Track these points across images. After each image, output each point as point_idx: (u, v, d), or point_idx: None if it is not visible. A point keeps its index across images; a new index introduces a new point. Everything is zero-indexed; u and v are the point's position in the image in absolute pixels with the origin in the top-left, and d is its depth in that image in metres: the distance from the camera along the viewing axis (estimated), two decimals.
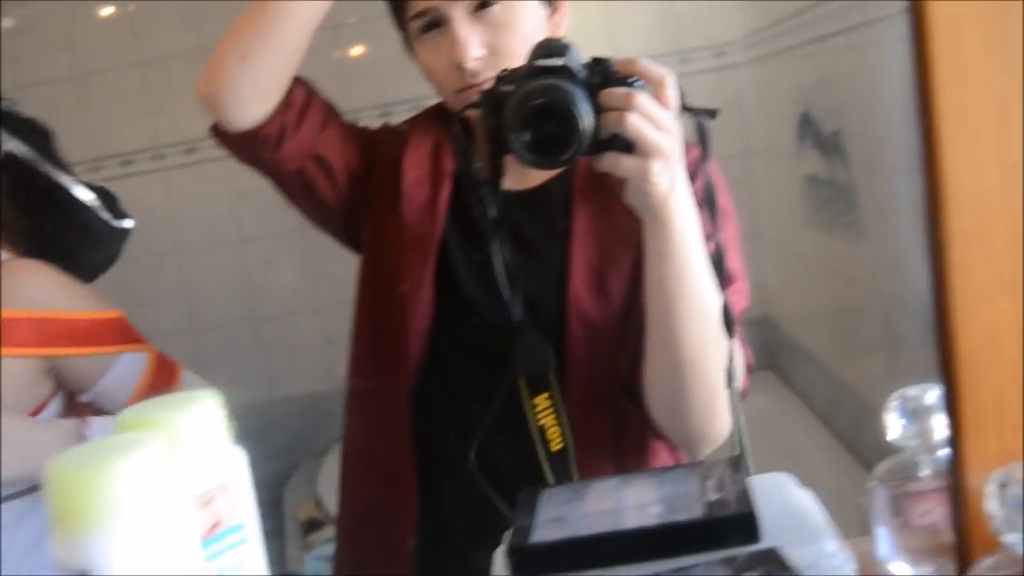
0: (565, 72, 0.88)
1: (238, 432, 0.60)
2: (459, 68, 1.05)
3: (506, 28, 1.04)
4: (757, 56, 2.67)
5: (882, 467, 0.66)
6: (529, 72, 0.90)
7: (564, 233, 1.09)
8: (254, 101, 1.08)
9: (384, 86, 2.72)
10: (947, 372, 0.59)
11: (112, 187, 1.48)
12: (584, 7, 2.65)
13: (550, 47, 0.91)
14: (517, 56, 0.99)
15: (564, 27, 1.12)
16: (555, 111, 0.85)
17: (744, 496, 0.69)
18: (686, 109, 0.91)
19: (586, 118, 0.85)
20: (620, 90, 0.86)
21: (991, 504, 0.51)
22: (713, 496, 0.72)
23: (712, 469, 0.77)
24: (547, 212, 1.12)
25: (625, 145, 0.86)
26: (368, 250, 1.20)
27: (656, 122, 0.86)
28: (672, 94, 0.89)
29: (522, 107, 0.86)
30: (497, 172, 0.97)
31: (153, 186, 2.94)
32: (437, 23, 1.06)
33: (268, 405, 2.95)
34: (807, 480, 0.74)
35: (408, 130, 1.20)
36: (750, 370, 1.05)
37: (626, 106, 0.85)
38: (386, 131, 1.24)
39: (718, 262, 0.94)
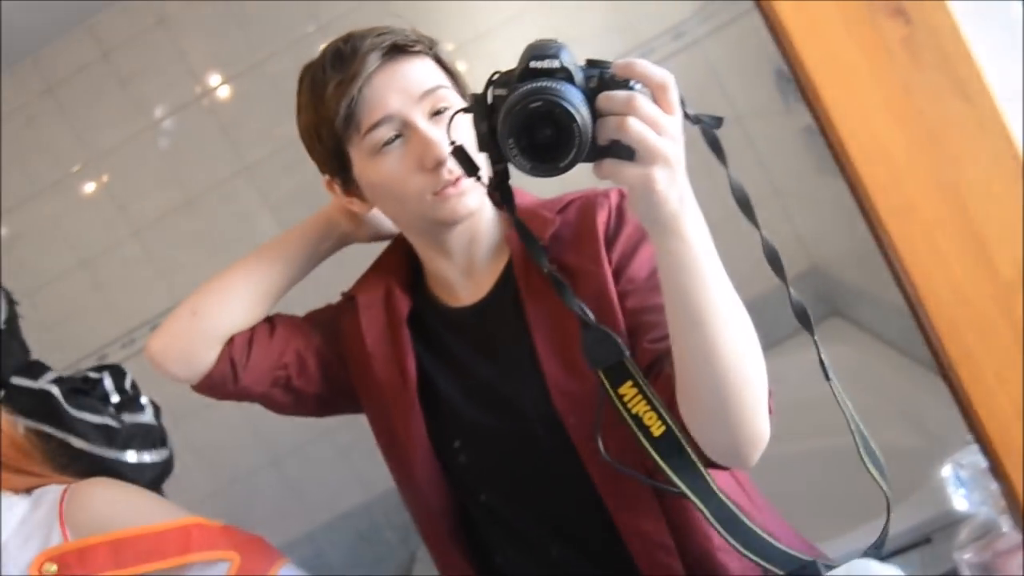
0: (561, 74, 0.82)
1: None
2: (435, 167, 1.06)
3: (455, 129, 1.01)
4: (715, 26, 2.65)
5: (962, 535, 0.66)
6: (522, 74, 0.84)
7: (523, 333, 1.10)
8: (202, 351, 1.18)
9: None
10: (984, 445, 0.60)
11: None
12: (541, 19, 2.64)
13: (543, 48, 0.85)
14: (473, 153, 0.96)
15: None
16: (552, 114, 0.79)
17: None
18: (689, 117, 0.86)
19: (585, 122, 0.80)
20: (619, 93, 0.81)
21: None
22: None
23: None
24: (502, 317, 1.13)
25: (626, 152, 0.81)
26: (366, 411, 1.24)
27: (658, 127, 0.80)
28: (675, 97, 0.83)
29: (517, 111, 0.80)
30: (504, 177, 0.94)
31: None
32: (397, 135, 1.07)
33: (370, 505, 2.92)
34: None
35: (354, 294, 1.23)
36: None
37: (626, 110, 0.80)
38: (332, 307, 1.28)
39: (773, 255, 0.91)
